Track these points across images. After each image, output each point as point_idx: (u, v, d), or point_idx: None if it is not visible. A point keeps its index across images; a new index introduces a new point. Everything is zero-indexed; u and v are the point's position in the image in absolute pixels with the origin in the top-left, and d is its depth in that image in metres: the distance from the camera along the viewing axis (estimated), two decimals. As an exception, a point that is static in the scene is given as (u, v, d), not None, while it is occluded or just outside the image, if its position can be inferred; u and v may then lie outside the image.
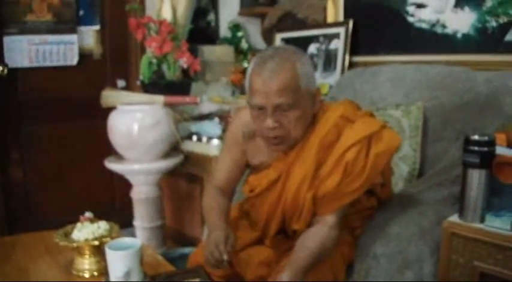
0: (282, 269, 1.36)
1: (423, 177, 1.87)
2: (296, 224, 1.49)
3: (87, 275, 1.46)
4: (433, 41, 2.29)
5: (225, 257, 1.31)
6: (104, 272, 1.42)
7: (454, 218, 1.38)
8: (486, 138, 1.31)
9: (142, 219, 2.67)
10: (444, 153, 1.92)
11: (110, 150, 2.68)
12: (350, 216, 1.56)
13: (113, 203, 3.37)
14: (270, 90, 1.34)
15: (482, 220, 1.33)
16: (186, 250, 2.29)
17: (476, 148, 1.31)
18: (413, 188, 1.76)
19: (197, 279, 1.23)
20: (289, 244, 1.52)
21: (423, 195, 1.64)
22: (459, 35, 2.21)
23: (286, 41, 3.03)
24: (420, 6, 2.33)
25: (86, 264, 1.47)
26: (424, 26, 2.32)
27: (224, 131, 2.63)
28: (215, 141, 2.57)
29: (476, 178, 1.32)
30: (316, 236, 1.41)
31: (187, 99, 2.70)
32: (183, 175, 2.83)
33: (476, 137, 1.32)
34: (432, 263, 1.42)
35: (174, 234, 3.01)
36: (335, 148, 1.42)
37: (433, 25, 2.28)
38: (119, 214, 2.98)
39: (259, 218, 1.57)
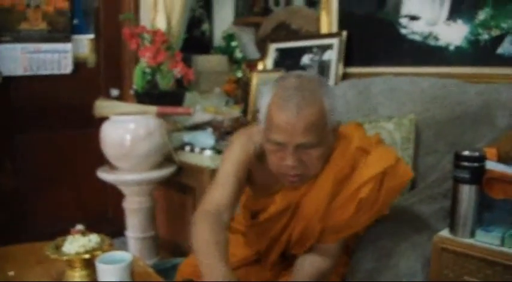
0: None
1: (415, 190, 1.87)
2: (298, 250, 1.47)
3: (77, 288, 1.46)
4: (426, 53, 2.30)
5: None
6: (94, 285, 1.42)
7: (445, 233, 1.38)
8: (476, 153, 1.31)
9: (134, 230, 2.66)
10: (436, 165, 1.93)
11: (102, 160, 2.67)
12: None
13: (105, 213, 3.36)
14: (295, 129, 1.23)
15: (472, 235, 1.33)
16: (179, 260, 2.28)
17: (466, 163, 1.31)
18: (405, 201, 1.75)
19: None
20: (285, 264, 1.52)
21: (415, 209, 1.64)
22: (452, 48, 2.22)
23: (281, 51, 3.04)
24: (413, 18, 2.34)
25: (76, 277, 1.47)
26: (417, 38, 2.33)
27: (217, 141, 2.64)
28: (208, 152, 2.57)
29: (467, 193, 1.32)
30: (316, 263, 1.41)
31: (180, 109, 2.70)
32: (176, 185, 2.83)
33: (466, 153, 1.32)
34: (423, 277, 1.42)
35: (166, 245, 3.00)
36: (349, 182, 1.35)
37: (426, 37, 2.30)
38: (111, 223, 2.98)
39: (260, 242, 1.53)
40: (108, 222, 3.20)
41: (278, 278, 1.54)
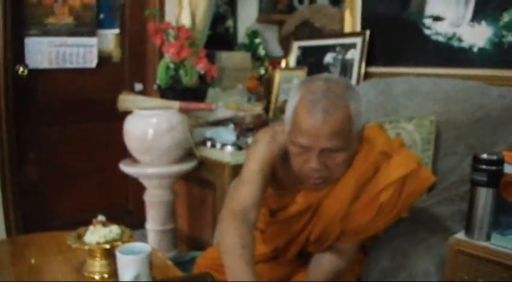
0: None
1: (433, 191, 1.86)
2: (316, 248, 1.48)
3: (97, 277, 1.49)
4: (449, 54, 2.29)
5: None
6: (113, 274, 1.45)
7: (461, 235, 1.37)
8: (495, 157, 1.31)
9: (154, 222, 2.70)
10: (455, 168, 1.91)
11: (125, 153, 2.72)
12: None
13: (127, 205, 3.42)
14: (321, 133, 1.23)
15: (488, 238, 1.32)
16: (197, 254, 2.31)
17: (484, 166, 1.30)
18: (423, 202, 1.75)
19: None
20: (302, 262, 1.53)
21: (432, 211, 1.64)
22: (475, 49, 2.20)
23: (304, 49, 3.05)
24: (437, 19, 2.33)
25: (96, 266, 1.50)
26: (440, 39, 2.32)
27: (239, 137, 2.66)
28: (229, 148, 2.59)
29: (484, 196, 1.32)
30: (332, 261, 1.43)
31: (202, 105, 2.73)
32: (197, 180, 2.86)
33: (484, 156, 1.31)
34: (437, 279, 1.41)
35: (185, 238, 3.04)
36: (371, 185, 1.35)
37: (450, 38, 2.28)
38: (132, 216, 3.03)
39: (278, 239, 1.54)
40: (129, 215, 3.25)
41: (294, 275, 1.56)
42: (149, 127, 2.50)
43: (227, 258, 1.21)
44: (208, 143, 2.74)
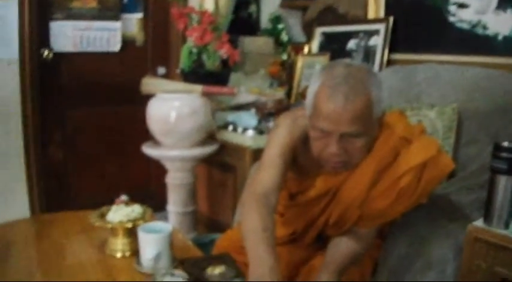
0: (312, 268, 1.39)
1: (453, 179, 1.86)
2: (334, 232, 1.50)
3: (119, 255, 1.53)
4: (473, 42, 2.27)
5: None
6: (135, 252, 1.49)
7: (479, 223, 1.38)
8: (515, 145, 1.31)
9: (175, 204, 2.75)
10: (476, 156, 1.91)
11: (147, 136, 2.76)
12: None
13: (149, 187, 3.47)
14: (342, 118, 1.23)
15: (506, 226, 1.32)
16: (216, 236, 2.35)
17: (504, 154, 1.30)
18: (443, 189, 1.75)
19: (223, 266, 1.27)
20: (320, 245, 1.55)
21: (451, 198, 1.64)
22: (500, 37, 2.18)
23: (327, 35, 3.04)
24: (462, 6, 2.30)
25: (118, 244, 1.53)
26: (464, 26, 2.30)
27: (260, 122, 2.68)
28: (250, 132, 2.61)
29: (503, 184, 1.32)
30: (350, 245, 1.44)
31: (224, 89, 2.75)
32: (218, 163, 2.89)
33: (505, 144, 1.31)
34: (455, 266, 1.43)
35: (205, 221, 3.08)
36: (390, 170, 1.36)
37: (474, 26, 2.26)
38: (154, 198, 3.07)
39: (297, 222, 1.56)
40: (151, 197, 3.29)
41: (312, 258, 1.57)
42: (172, 110, 2.54)
43: (248, 241, 1.23)
44: (230, 127, 2.76)
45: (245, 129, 2.66)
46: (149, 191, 3.44)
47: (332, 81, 1.26)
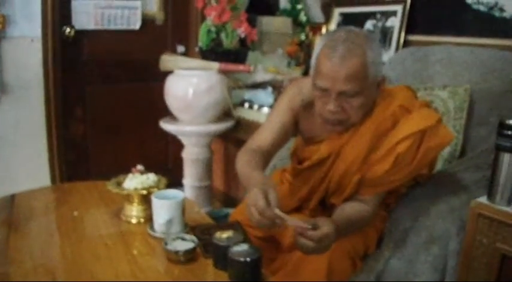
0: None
1: (462, 158, 1.89)
2: (336, 199, 1.55)
3: (134, 221, 1.59)
4: (490, 24, 2.25)
5: (278, 221, 1.20)
6: (149, 219, 1.54)
7: (483, 199, 1.40)
8: (521, 123, 1.33)
9: (191, 179, 2.82)
10: (487, 137, 1.92)
11: (165, 112, 2.81)
12: (387, 194, 1.58)
13: (166, 162, 3.54)
14: (338, 76, 1.34)
15: (509, 203, 1.35)
16: (231, 210, 2.40)
17: (509, 132, 1.32)
18: (451, 168, 1.79)
19: (231, 232, 1.32)
20: (326, 214, 1.59)
21: (458, 176, 1.67)
22: (517, 20, 2.17)
23: (345, 16, 3.05)
24: (480, -12, 2.30)
25: (133, 211, 1.60)
26: (481, 8, 2.29)
27: (276, 100, 2.71)
28: (265, 109, 2.65)
29: (508, 162, 1.34)
30: (355, 206, 1.47)
31: (241, 67, 2.79)
32: (233, 140, 2.94)
33: (510, 122, 1.33)
34: (458, 241, 1.46)
35: (220, 196, 3.15)
36: (389, 137, 1.43)
37: (491, 8, 2.25)
38: (171, 173, 3.13)
39: (302, 189, 1.62)
40: (168, 172, 3.33)
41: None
42: (189, 86, 2.59)
43: (242, 175, 1.41)
44: (246, 104, 2.80)
45: (261, 107, 2.70)
46: (166, 166, 3.51)
47: (332, 43, 1.37)
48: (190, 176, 2.81)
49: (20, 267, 1.31)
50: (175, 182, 2.67)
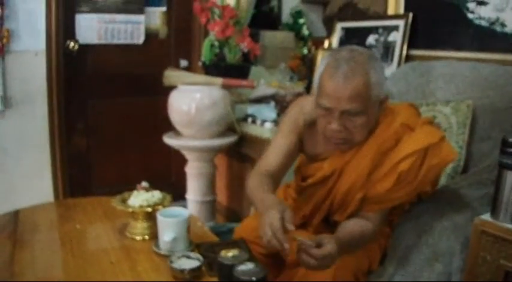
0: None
1: (465, 174, 1.89)
2: (340, 216, 1.55)
3: (138, 238, 1.59)
4: (491, 39, 2.27)
5: (286, 245, 1.20)
6: (154, 236, 1.55)
7: (486, 217, 1.40)
8: (524, 140, 1.34)
9: (194, 193, 2.82)
10: (489, 153, 1.92)
11: (168, 126, 2.82)
12: (390, 210, 1.58)
13: (169, 177, 3.54)
14: (341, 95, 1.35)
15: (512, 220, 1.36)
16: (234, 225, 2.39)
17: (512, 150, 1.34)
18: (454, 184, 1.79)
19: (236, 250, 1.33)
20: (329, 231, 1.59)
21: (461, 192, 1.67)
22: (518, 35, 2.19)
23: (347, 30, 3.07)
24: (481, 3, 2.31)
25: (138, 228, 1.60)
26: (483, 23, 2.31)
27: (279, 115, 2.72)
28: (268, 125, 2.66)
29: (511, 179, 1.34)
30: (358, 223, 1.47)
31: (244, 82, 2.81)
32: (236, 155, 2.95)
33: (513, 139, 1.34)
34: (461, 258, 1.46)
35: (223, 210, 3.14)
36: (391, 154, 1.44)
37: (492, 23, 2.27)
38: (174, 187, 3.14)
39: (305, 206, 1.62)
40: (171, 186, 3.35)
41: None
42: (192, 102, 2.60)
43: (252, 194, 1.44)
44: (249, 119, 2.81)
45: (264, 122, 2.71)
46: (170, 180, 3.52)
47: (335, 63, 1.38)
48: (193, 191, 2.82)
49: (25, 283, 1.31)
50: (178, 196, 2.68)
